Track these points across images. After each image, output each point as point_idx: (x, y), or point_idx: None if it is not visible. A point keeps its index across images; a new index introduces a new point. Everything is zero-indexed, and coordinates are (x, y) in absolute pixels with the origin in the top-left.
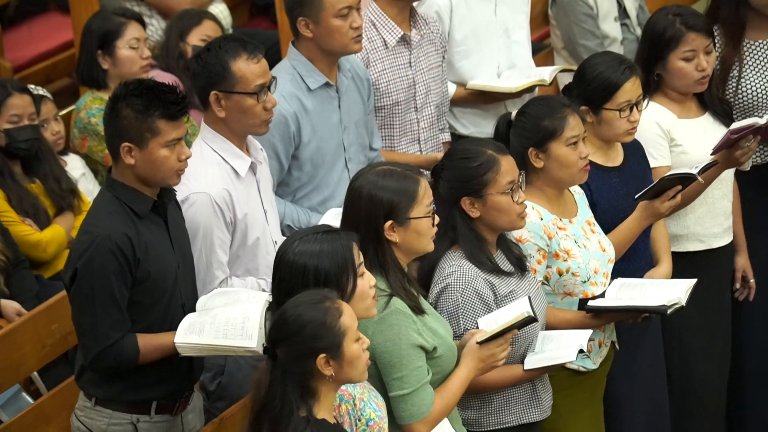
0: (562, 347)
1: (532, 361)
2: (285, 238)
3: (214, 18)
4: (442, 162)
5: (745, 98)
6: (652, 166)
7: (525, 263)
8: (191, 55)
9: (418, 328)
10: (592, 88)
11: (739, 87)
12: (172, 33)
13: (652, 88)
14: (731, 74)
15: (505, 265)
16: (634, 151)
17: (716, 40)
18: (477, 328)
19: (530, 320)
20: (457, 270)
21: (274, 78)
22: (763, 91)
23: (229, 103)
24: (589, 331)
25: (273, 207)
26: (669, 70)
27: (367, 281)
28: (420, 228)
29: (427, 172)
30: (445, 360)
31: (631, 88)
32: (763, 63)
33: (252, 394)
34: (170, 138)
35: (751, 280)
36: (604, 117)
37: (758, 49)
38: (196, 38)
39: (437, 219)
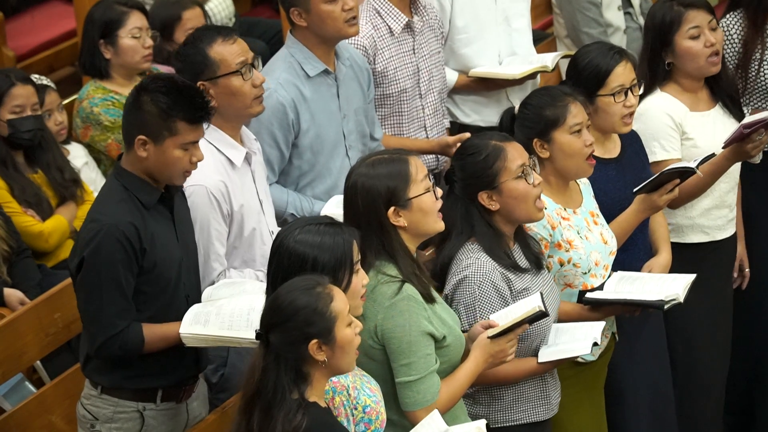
0: (576, 340)
1: (545, 354)
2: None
3: (190, 2)
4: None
5: (766, 80)
6: (662, 158)
7: (542, 260)
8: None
9: (428, 316)
10: (584, 76)
11: (761, 69)
12: (156, 34)
13: (664, 78)
14: (754, 56)
15: (522, 261)
16: (632, 143)
17: (738, 24)
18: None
19: (541, 315)
20: (474, 262)
21: (256, 56)
22: None
23: (218, 90)
24: (602, 324)
25: (268, 197)
26: (678, 54)
27: (360, 279)
28: (423, 205)
29: (428, 157)
30: (453, 350)
31: (623, 72)
32: None
33: (245, 380)
34: (187, 140)
35: (746, 270)
36: (600, 104)
37: None
38: (181, 36)
39: (439, 192)
